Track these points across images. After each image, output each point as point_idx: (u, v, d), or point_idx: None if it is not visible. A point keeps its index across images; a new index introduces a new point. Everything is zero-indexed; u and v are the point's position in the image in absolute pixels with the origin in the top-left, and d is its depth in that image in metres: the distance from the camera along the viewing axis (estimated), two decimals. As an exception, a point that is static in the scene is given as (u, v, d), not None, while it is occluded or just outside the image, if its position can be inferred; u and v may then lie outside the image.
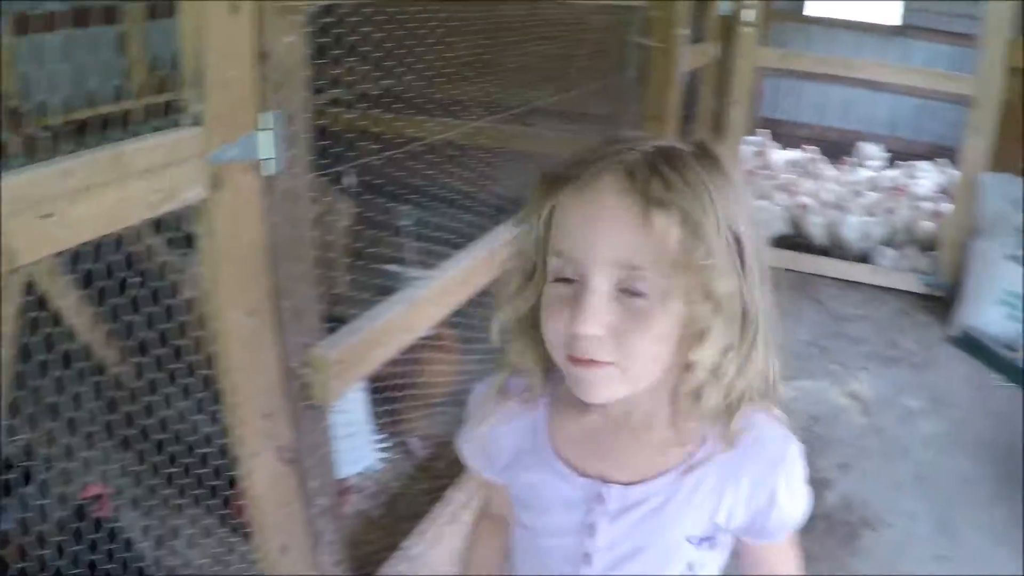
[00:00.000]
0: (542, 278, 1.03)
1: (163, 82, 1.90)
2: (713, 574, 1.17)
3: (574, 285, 0.98)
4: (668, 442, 1.11)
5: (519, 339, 1.10)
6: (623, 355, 0.98)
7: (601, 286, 0.96)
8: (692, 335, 1.00)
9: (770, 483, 1.10)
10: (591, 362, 0.98)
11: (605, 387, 1.01)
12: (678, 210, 0.94)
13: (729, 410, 1.05)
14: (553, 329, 1.01)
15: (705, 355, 1.00)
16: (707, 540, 1.12)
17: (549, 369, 1.12)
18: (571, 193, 0.98)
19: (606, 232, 0.96)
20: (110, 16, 3.83)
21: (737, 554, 1.20)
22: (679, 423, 1.10)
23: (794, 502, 1.13)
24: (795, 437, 1.12)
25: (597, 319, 0.96)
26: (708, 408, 1.05)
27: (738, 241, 0.99)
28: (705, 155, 1.01)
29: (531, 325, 1.07)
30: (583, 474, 1.13)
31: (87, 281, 1.74)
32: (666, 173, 0.95)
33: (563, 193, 0.99)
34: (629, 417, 1.10)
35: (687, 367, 1.03)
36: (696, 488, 1.10)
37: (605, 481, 1.12)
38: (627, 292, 0.97)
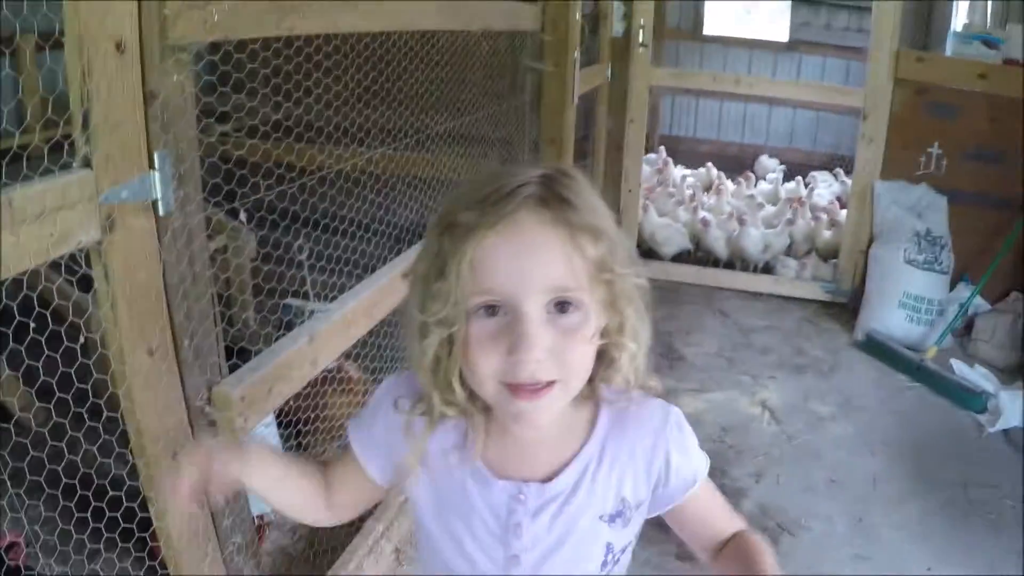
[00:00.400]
0: (462, 318, 1.05)
1: (51, 120, 1.88)
2: (627, 558, 1.25)
3: (502, 317, 1.03)
4: (568, 433, 1.18)
5: (444, 384, 1.11)
6: (563, 369, 1.05)
7: (536, 313, 1.02)
8: (612, 326, 1.09)
9: (661, 448, 1.20)
10: (535, 391, 1.04)
11: (549, 409, 1.08)
12: (597, 229, 1.02)
13: (638, 371, 1.14)
14: (487, 364, 1.05)
15: (634, 341, 1.10)
16: (619, 516, 1.19)
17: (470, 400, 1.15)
18: (488, 234, 1.01)
19: (537, 264, 1.01)
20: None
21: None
22: (574, 413, 1.18)
23: (689, 459, 1.24)
24: (673, 406, 1.25)
25: (539, 342, 1.01)
26: (621, 375, 1.14)
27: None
28: (574, 175, 1.08)
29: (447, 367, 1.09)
30: (503, 477, 1.17)
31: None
32: (571, 199, 1.03)
33: (478, 236, 1.01)
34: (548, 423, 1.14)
35: (607, 356, 1.11)
36: (599, 467, 1.17)
37: (524, 481, 1.17)
38: (557, 310, 1.03)
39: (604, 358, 1.12)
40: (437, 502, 1.21)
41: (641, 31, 5.56)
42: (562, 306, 1.03)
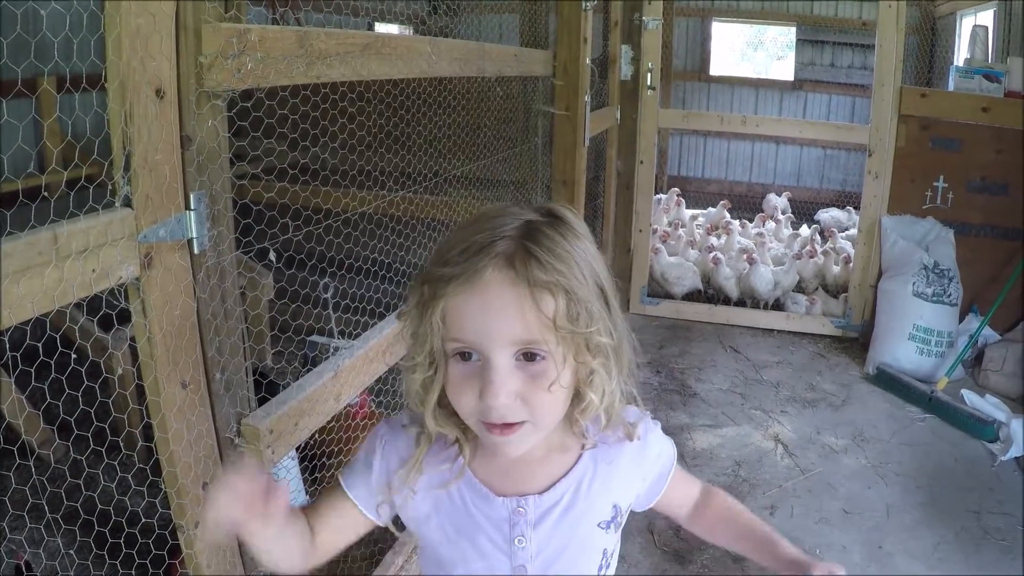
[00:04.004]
0: (442, 360, 1.14)
1: (74, 156, 1.94)
2: (615, 561, 1.36)
3: (475, 363, 1.11)
4: (562, 451, 1.27)
5: (434, 413, 1.19)
6: (532, 411, 1.12)
7: (503, 362, 1.09)
8: (582, 376, 1.16)
9: (645, 453, 1.34)
10: (505, 426, 1.12)
11: (521, 444, 1.16)
12: (558, 287, 1.08)
13: (609, 411, 1.22)
14: (464, 403, 1.14)
15: (596, 393, 1.17)
16: (613, 522, 1.29)
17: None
18: (458, 290, 1.08)
19: (501, 319, 1.08)
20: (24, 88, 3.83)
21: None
22: (567, 434, 1.27)
23: (663, 454, 1.40)
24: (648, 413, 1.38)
25: (505, 390, 1.09)
26: (593, 416, 1.22)
27: (601, 288, 1.14)
28: (558, 221, 1.15)
29: (440, 397, 1.18)
30: (502, 495, 1.24)
31: (11, 363, 1.76)
32: (540, 255, 1.08)
33: (450, 291, 1.09)
34: (533, 449, 1.22)
35: (581, 397, 1.18)
36: (593, 478, 1.27)
37: (521, 495, 1.24)
38: (525, 358, 1.10)
39: (579, 397, 1.19)
40: (444, 527, 1.27)
41: (649, 74, 5.66)
42: (529, 355, 1.10)
